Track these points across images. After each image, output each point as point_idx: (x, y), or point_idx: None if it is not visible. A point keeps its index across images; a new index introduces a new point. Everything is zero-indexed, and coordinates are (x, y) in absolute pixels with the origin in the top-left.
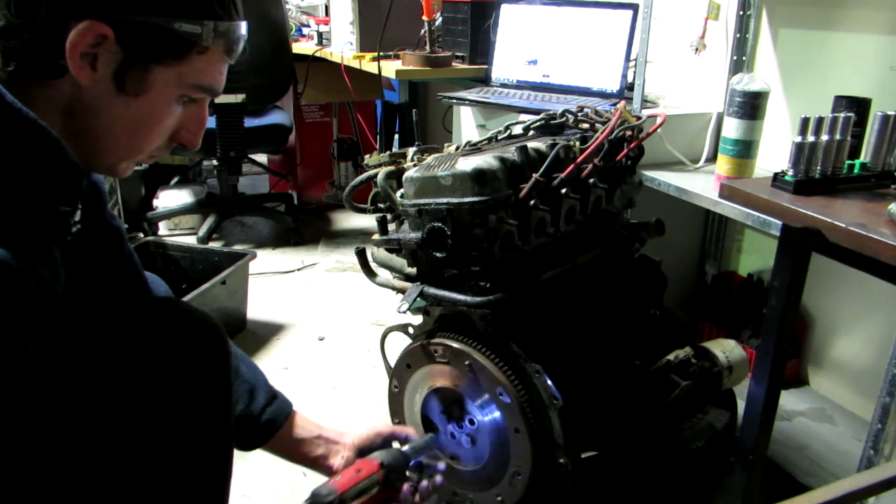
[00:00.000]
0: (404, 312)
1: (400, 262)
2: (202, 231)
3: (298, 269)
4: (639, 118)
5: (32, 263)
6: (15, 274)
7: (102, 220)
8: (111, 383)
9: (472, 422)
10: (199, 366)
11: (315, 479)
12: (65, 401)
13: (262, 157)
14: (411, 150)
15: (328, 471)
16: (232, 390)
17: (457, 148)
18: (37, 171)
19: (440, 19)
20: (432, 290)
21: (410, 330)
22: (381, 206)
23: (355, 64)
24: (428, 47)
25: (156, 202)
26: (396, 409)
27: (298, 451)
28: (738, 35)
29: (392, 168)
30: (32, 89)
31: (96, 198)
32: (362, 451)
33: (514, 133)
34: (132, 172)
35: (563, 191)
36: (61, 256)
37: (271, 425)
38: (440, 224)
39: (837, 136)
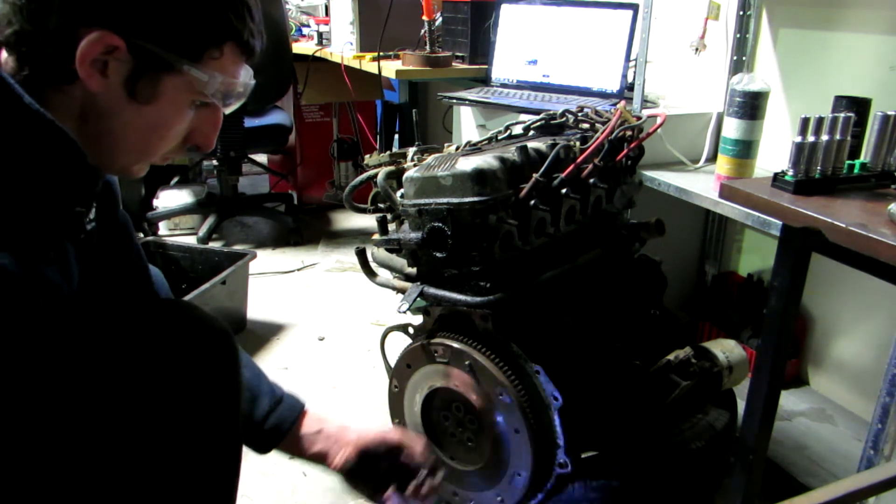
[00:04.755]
0: (404, 312)
1: (400, 262)
2: (202, 231)
3: (298, 269)
4: (639, 118)
5: (39, 268)
6: (15, 282)
7: (115, 217)
8: (119, 385)
9: (472, 421)
10: (207, 370)
11: (315, 480)
12: (69, 403)
13: (262, 157)
14: (411, 150)
15: (328, 466)
16: (240, 394)
17: (457, 148)
18: (54, 172)
19: (440, 19)
20: (432, 290)
21: (410, 330)
22: (381, 206)
23: (355, 64)
24: (428, 47)
25: (156, 202)
26: (396, 409)
27: (300, 448)
28: (738, 35)
29: (392, 168)
30: (47, 94)
31: (110, 196)
32: (365, 454)
33: (514, 133)
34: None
35: (564, 191)
36: (76, 253)
37: (276, 431)
38: (440, 224)
39: (837, 136)
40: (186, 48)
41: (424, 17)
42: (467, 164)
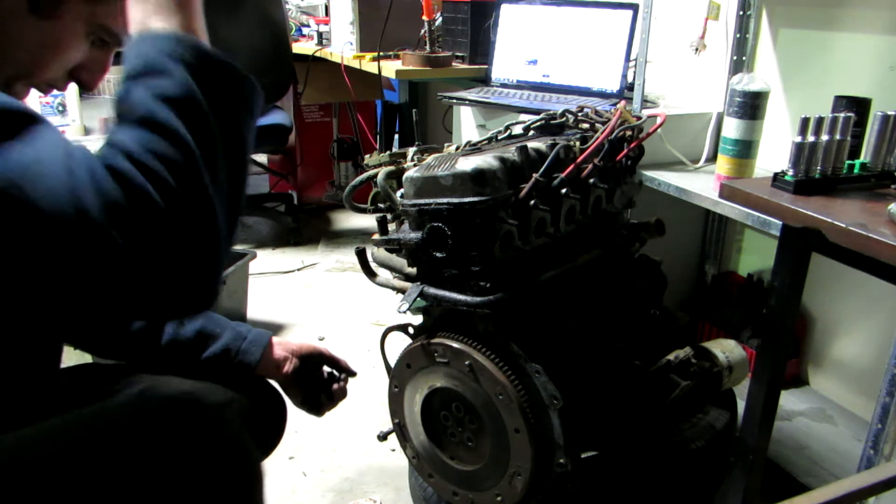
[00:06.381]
0: (404, 312)
1: (400, 262)
2: None
3: (298, 269)
4: (639, 118)
5: None
6: None
7: None
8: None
9: (472, 421)
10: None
11: (315, 480)
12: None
13: (262, 157)
14: (411, 150)
15: (280, 376)
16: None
17: (457, 148)
18: None
19: (440, 19)
20: (432, 290)
21: (410, 330)
22: (381, 206)
23: (355, 64)
24: (428, 47)
25: None
26: (396, 409)
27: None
28: (738, 35)
29: (392, 168)
30: None
31: None
32: (306, 360)
33: (514, 133)
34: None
35: (564, 191)
36: None
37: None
38: (440, 224)
39: (837, 136)
40: None
41: (424, 17)
42: (467, 164)
